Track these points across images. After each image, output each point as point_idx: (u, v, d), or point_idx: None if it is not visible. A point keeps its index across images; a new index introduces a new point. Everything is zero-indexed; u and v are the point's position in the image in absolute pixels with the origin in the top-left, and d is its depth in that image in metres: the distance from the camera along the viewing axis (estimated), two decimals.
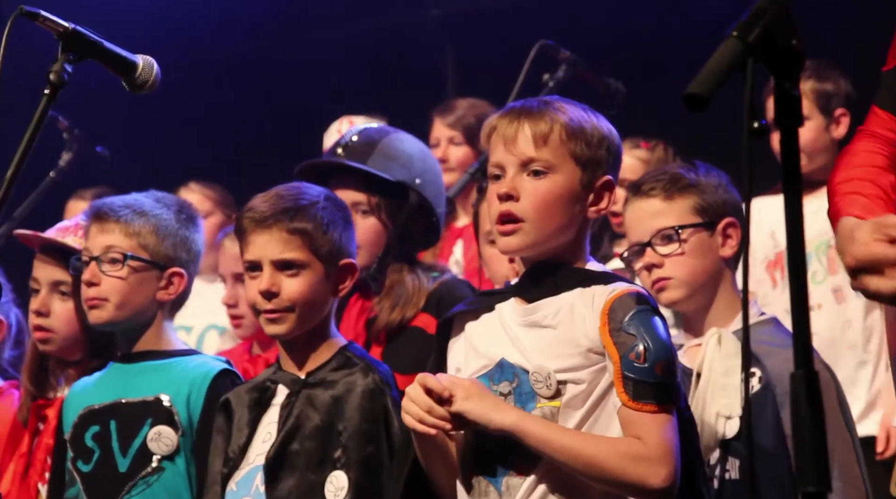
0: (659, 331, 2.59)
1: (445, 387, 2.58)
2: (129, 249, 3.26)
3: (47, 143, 5.48)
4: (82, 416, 3.27)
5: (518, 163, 2.65)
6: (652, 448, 2.52)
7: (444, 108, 5.26)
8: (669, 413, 2.56)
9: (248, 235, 2.99)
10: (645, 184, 3.14)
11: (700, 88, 1.62)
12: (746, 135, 1.67)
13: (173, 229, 3.31)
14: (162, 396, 3.20)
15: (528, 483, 2.58)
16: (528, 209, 2.63)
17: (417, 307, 3.31)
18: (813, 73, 4.45)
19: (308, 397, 2.94)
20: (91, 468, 3.22)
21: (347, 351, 2.99)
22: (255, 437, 2.99)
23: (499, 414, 2.57)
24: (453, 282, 3.43)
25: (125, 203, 3.32)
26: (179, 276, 3.30)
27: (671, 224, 3.07)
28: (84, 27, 2.65)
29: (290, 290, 2.94)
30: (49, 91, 2.57)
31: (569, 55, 4.64)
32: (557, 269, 2.67)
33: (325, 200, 3.03)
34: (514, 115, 2.69)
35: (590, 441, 2.56)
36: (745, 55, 1.64)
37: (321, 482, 2.87)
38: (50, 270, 3.58)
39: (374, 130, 3.52)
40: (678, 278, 3.05)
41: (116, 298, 3.25)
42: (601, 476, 2.54)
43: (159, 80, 2.75)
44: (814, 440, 1.67)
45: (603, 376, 2.59)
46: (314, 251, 2.96)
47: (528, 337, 2.65)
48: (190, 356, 3.32)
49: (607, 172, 2.70)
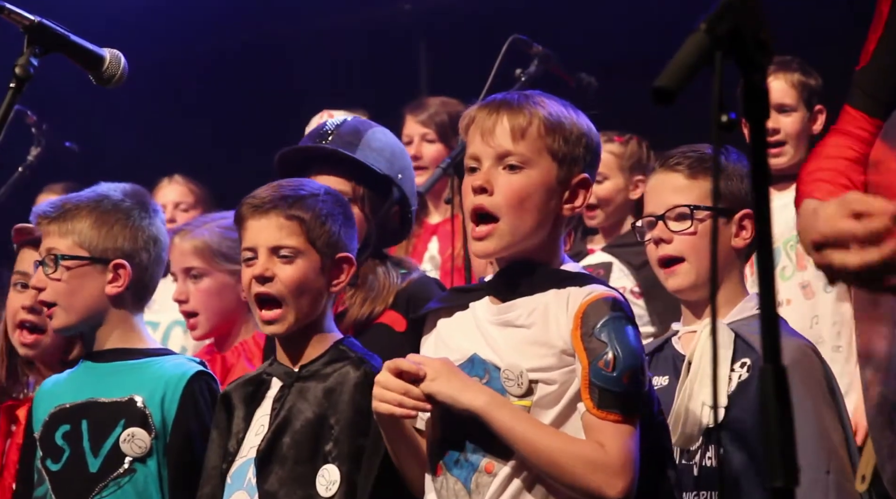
0: (630, 340, 2.58)
1: (419, 368, 2.58)
2: (66, 249, 3.22)
3: (16, 137, 5.47)
4: (53, 414, 3.23)
5: (494, 155, 2.64)
6: (612, 458, 2.52)
7: (416, 106, 5.26)
8: (632, 424, 2.56)
9: (247, 221, 2.98)
10: (673, 158, 3.10)
11: (668, 82, 1.62)
12: (715, 128, 1.66)
13: (112, 219, 3.24)
14: (135, 397, 3.17)
15: (499, 481, 2.58)
16: (501, 204, 2.62)
17: (386, 303, 3.30)
18: (799, 67, 4.48)
19: (300, 390, 2.93)
20: (60, 468, 3.18)
21: (342, 345, 2.98)
22: (249, 430, 2.98)
23: (468, 394, 2.57)
24: (424, 280, 3.41)
25: (63, 201, 3.27)
26: (123, 267, 3.25)
27: (688, 202, 3.05)
28: (51, 20, 2.62)
29: (284, 276, 2.93)
30: (14, 85, 2.55)
31: (541, 50, 4.64)
32: (532, 268, 2.66)
33: (325, 193, 3.03)
34: (493, 107, 2.67)
35: (554, 439, 2.55)
36: (713, 48, 1.64)
37: (312, 475, 2.86)
38: None
39: (359, 121, 3.49)
40: (690, 263, 3.02)
41: (62, 301, 3.21)
42: (559, 476, 2.54)
43: (127, 74, 2.73)
44: (782, 435, 1.67)
45: (574, 378, 2.59)
46: (311, 241, 2.95)
47: (501, 335, 2.65)
48: (165, 357, 3.29)
49: (584, 169, 2.69)
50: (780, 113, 4.46)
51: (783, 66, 4.48)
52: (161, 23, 6.48)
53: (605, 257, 4.76)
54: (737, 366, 2.94)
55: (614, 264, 4.72)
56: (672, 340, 3.10)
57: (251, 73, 6.73)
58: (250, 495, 2.91)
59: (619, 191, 4.92)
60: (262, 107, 6.50)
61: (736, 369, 2.93)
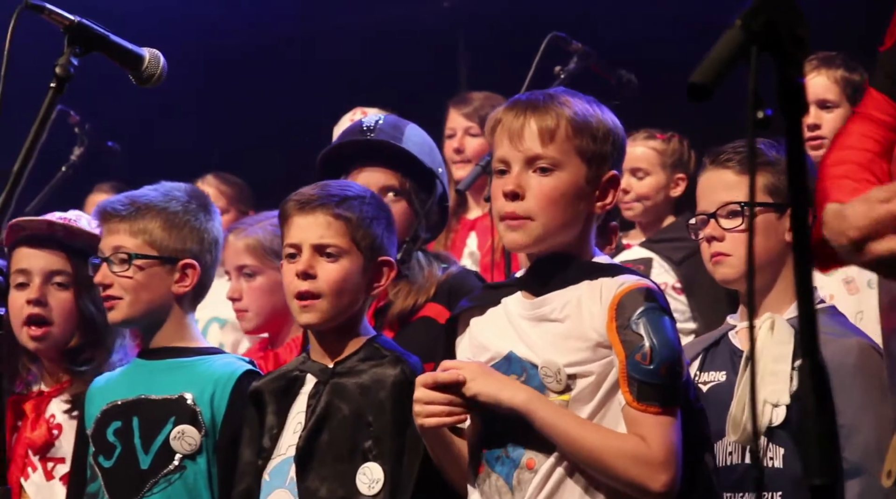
0: (667, 331, 2.57)
1: (457, 374, 2.59)
2: (135, 247, 3.24)
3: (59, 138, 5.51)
4: (105, 411, 3.26)
5: (524, 159, 2.64)
6: (655, 452, 2.53)
7: (460, 99, 5.25)
8: (672, 415, 2.56)
9: (291, 218, 2.99)
10: (723, 154, 3.08)
11: (703, 78, 1.61)
12: (751, 125, 1.65)
13: (181, 221, 3.28)
14: (185, 394, 3.19)
15: (540, 476, 2.58)
16: (533, 207, 2.62)
17: (428, 295, 3.31)
18: (842, 62, 4.44)
19: (336, 386, 2.94)
20: (112, 464, 3.21)
21: (376, 342, 2.99)
22: (286, 427, 2.98)
23: (508, 392, 2.58)
24: (464, 273, 3.42)
25: (131, 200, 3.29)
26: (192, 267, 3.28)
27: (739, 199, 3.03)
28: (91, 20, 2.64)
29: (327, 274, 2.93)
30: (55, 84, 2.56)
31: (580, 47, 4.63)
32: (564, 262, 2.66)
33: (371, 196, 3.04)
34: (519, 109, 2.67)
35: (596, 434, 2.55)
36: (749, 43, 1.63)
37: (352, 472, 2.87)
38: (44, 260, 3.54)
39: (396, 117, 3.50)
40: (737, 256, 3.01)
41: (129, 296, 3.24)
42: (602, 470, 2.55)
43: (166, 73, 2.74)
44: (820, 432, 1.66)
45: (611, 370, 2.59)
46: (355, 241, 2.95)
47: (535, 331, 2.65)
48: (215, 355, 3.31)
49: (612, 166, 2.69)
50: (822, 109, 4.42)
51: (826, 62, 4.44)
52: (199, 21, 6.51)
53: (645, 253, 4.74)
54: (798, 364, 2.91)
55: (654, 260, 4.70)
56: (729, 335, 3.07)
57: (291, 70, 6.75)
58: (292, 494, 2.92)
59: (661, 188, 4.90)
60: (299, 105, 6.51)
61: (797, 367, 2.91)
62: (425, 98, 5.32)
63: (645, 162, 4.90)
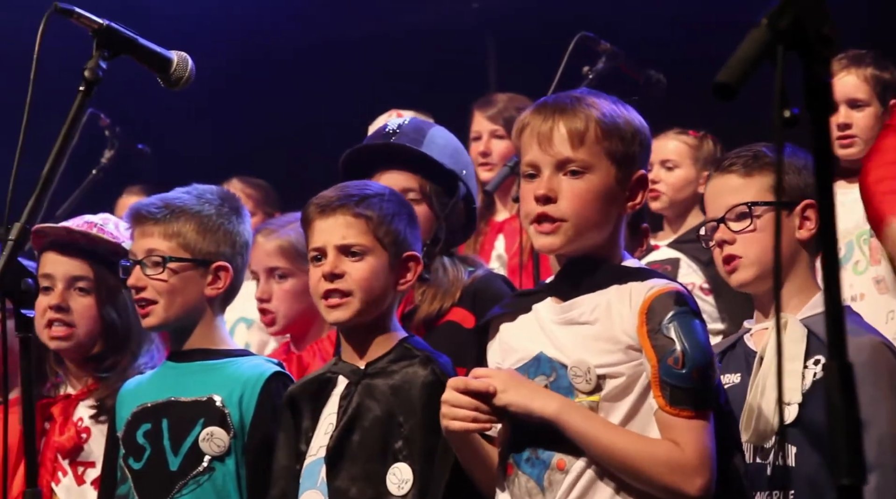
0: (698, 334, 2.57)
1: (489, 384, 2.59)
2: (169, 250, 3.26)
3: (89, 141, 5.54)
4: (135, 414, 3.27)
5: (554, 163, 2.63)
6: (689, 457, 2.52)
7: (484, 102, 5.25)
8: (705, 419, 2.56)
9: (313, 222, 3.00)
10: (727, 160, 3.10)
11: (728, 77, 1.60)
12: (778, 124, 1.64)
13: (215, 224, 3.29)
14: (214, 396, 3.20)
15: (571, 478, 2.57)
16: (566, 211, 2.62)
17: (454, 299, 3.30)
18: (872, 61, 4.42)
19: (367, 387, 2.94)
20: (142, 466, 3.22)
21: (407, 343, 2.99)
22: (318, 429, 2.99)
23: (539, 401, 2.57)
24: (489, 277, 3.41)
25: (164, 202, 3.30)
26: (225, 270, 3.29)
27: (745, 200, 3.03)
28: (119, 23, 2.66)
29: (354, 274, 2.94)
30: (84, 88, 2.58)
31: (609, 47, 4.62)
32: (593, 266, 2.66)
33: (390, 193, 3.05)
34: (547, 112, 2.66)
35: (628, 441, 2.55)
36: (775, 42, 1.62)
37: (382, 473, 2.88)
38: (67, 265, 3.56)
39: (421, 120, 3.51)
40: (748, 257, 3.01)
41: (164, 300, 3.25)
42: (637, 477, 2.54)
43: (194, 76, 2.76)
44: (848, 432, 1.65)
45: (642, 373, 2.58)
46: (378, 238, 2.96)
47: (565, 333, 2.64)
48: (243, 357, 3.32)
49: (641, 166, 2.69)
50: (853, 108, 4.40)
51: (856, 61, 4.42)
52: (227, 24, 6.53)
53: (673, 253, 4.73)
54: (810, 363, 2.91)
55: (682, 260, 4.69)
56: (744, 338, 3.08)
57: (322, 73, 6.76)
58: (323, 494, 2.92)
59: (689, 182, 4.91)
60: (330, 107, 6.52)
61: (810, 367, 2.90)
62: (454, 99, 5.31)
63: (675, 154, 4.91)
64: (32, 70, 2.52)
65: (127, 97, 5.04)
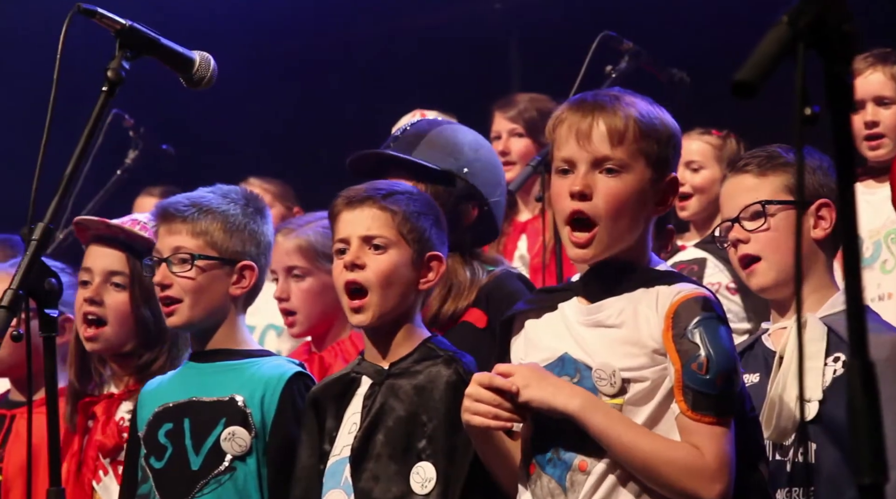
0: (723, 341, 2.56)
1: (512, 382, 2.58)
2: (196, 248, 3.26)
3: (114, 141, 5.57)
4: (157, 414, 3.28)
5: (591, 160, 2.61)
6: (709, 462, 2.51)
7: (504, 103, 5.25)
8: (727, 426, 2.55)
9: (340, 215, 3.01)
10: (742, 160, 3.10)
11: (748, 75, 1.60)
12: (798, 122, 1.64)
13: (241, 224, 3.30)
14: (236, 396, 3.20)
15: (593, 479, 2.57)
16: (601, 209, 2.60)
17: (469, 300, 3.29)
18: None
19: (391, 387, 2.94)
20: (163, 465, 3.22)
21: (430, 343, 2.99)
22: (341, 429, 3.00)
23: (562, 397, 2.56)
24: (504, 276, 3.39)
25: (191, 201, 3.31)
26: (250, 269, 3.30)
27: (759, 200, 3.03)
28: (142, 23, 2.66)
29: (375, 265, 2.95)
30: (107, 88, 2.58)
31: (631, 46, 4.62)
32: (621, 268, 2.65)
33: (418, 193, 3.07)
34: (586, 109, 2.64)
35: (649, 442, 2.54)
36: (795, 40, 1.61)
37: (406, 472, 2.88)
38: (105, 259, 3.59)
39: (427, 121, 3.50)
40: (767, 261, 3.00)
41: (189, 298, 3.25)
42: (655, 479, 2.53)
43: (216, 76, 2.76)
44: (870, 431, 1.64)
45: (666, 377, 2.57)
46: (402, 234, 2.97)
47: (591, 335, 2.63)
48: (265, 358, 3.32)
49: (672, 169, 2.68)
50: (880, 105, 4.39)
51: (882, 58, 4.41)
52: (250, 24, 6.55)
53: (699, 253, 4.72)
54: (830, 360, 2.90)
55: (708, 260, 4.67)
56: (762, 338, 3.07)
57: (344, 74, 6.77)
58: (347, 494, 2.93)
59: (715, 181, 4.89)
60: (353, 107, 6.54)
61: (829, 364, 2.90)
62: (477, 99, 5.32)
63: (700, 155, 4.90)
64: (55, 70, 2.53)
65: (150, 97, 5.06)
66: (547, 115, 5.05)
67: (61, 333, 3.78)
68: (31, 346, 2.54)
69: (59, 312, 2.59)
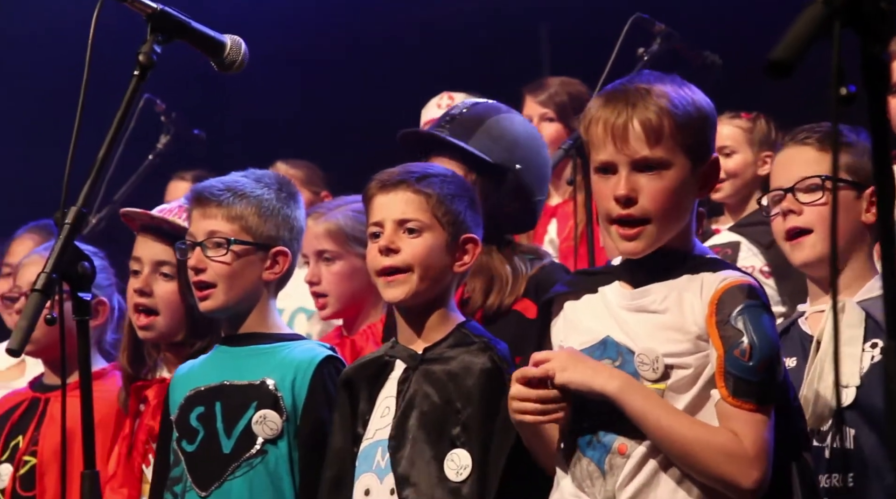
0: (766, 328, 2.55)
1: (546, 369, 2.58)
2: (231, 233, 3.26)
3: (146, 126, 5.58)
4: (188, 397, 3.29)
5: (630, 162, 2.59)
6: (746, 448, 2.51)
7: (535, 86, 5.23)
8: (767, 414, 2.53)
9: (374, 198, 3.01)
10: (801, 132, 3.06)
11: (783, 54, 1.58)
12: (834, 102, 1.62)
13: (275, 209, 3.30)
14: (267, 380, 3.21)
15: (633, 462, 2.56)
16: (649, 209, 2.59)
17: (517, 293, 3.27)
18: None
19: (425, 373, 2.94)
20: (195, 448, 3.24)
21: (465, 328, 2.99)
22: (374, 412, 3.00)
23: (600, 378, 2.56)
24: (553, 267, 3.36)
25: (226, 185, 3.31)
26: (284, 254, 3.30)
27: (819, 173, 3.00)
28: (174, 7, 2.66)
29: (410, 248, 2.94)
30: (138, 72, 2.58)
31: (664, 28, 4.59)
32: (665, 254, 2.63)
33: (452, 175, 3.06)
34: (619, 105, 2.60)
35: (688, 425, 2.53)
36: (831, 18, 1.59)
37: (440, 458, 2.88)
38: (153, 249, 3.61)
39: (485, 106, 3.45)
40: (818, 234, 2.98)
41: (224, 283, 3.26)
42: (692, 463, 2.53)
43: (247, 60, 2.76)
44: None
45: (708, 364, 2.57)
46: (436, 217, 2.96)
47: (634, 320, 2.62)
48: (296, 341, 3.32)
49: (712, 150, 2.66)
50: None
51: None
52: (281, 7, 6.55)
53: (733, 237, 4.70)
54: (868, 346, 2.88)
55: (742, 244, 4.66)
56: (799, 321, 3.05)
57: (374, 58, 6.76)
58: (379, 478, 2.93)
59: (748, 165, 4.87)
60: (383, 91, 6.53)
61: (867, 350, 2.88)
62: (507, 83, 5.29)
63: (731, 140, 4.87)
64: (87, 55, 2.53)
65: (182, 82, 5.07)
66: (577, 99, 5.06)
67: (94, 317, 3.81)
68: (65, 329, 2.54)
69: (93, 295, 2.60)
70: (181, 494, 3.22)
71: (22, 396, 3.96)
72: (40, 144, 5.53)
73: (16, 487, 3.78)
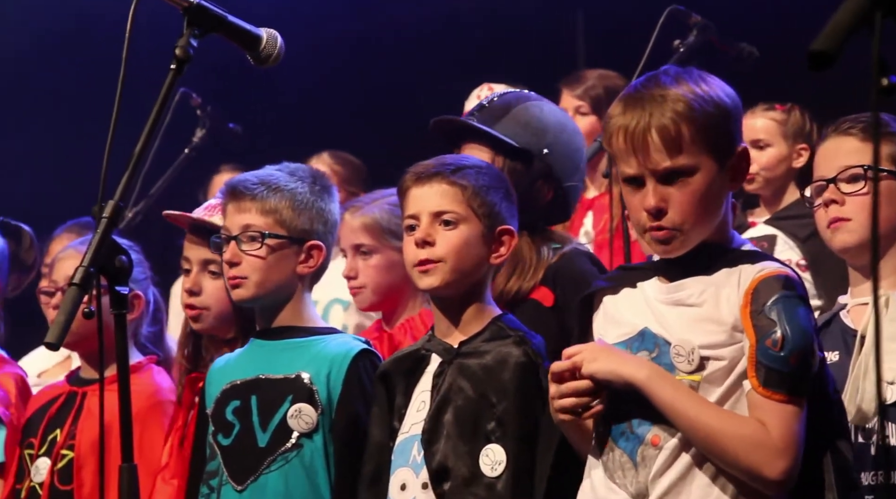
0: (801, 320, 2.53)
1: (574, 361, 2.58)
2: (266, 226, 3.27)
3: (182, 120, 5.60)
4: (224, 391, 3.30)
5: (654, 174, 2.58)
6: (774, 438, 2.49)
7: (572, 79, 5.23)
8: (798, 405, 2.51)
9: (409, 191, 3.02)
10: (845, 122, 3.06)
11: (825, 45, 1.56)
12: (875, 93, 1.60)
13: (309, 202, 3.31)
14: (302, 373, 3.21)
15: (666, 454, 2.55)
16: (678, 220, 2.58)
17: (535, 280, 3.27)
18: None
19: (460, 367, 2.94)
20: (231, 442, 3.25)
21: (500, 321, 2.99)
22: (410, 406, 3.00)
23: (629, 368, 2.55)
24: (572, 255, 3.35)
25: (260, 179, 3.32)
26: (318, 248, 3.31)
27: (862, 163, 2.98)
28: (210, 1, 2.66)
29: (446, 241, 2.95)
30: (175, 66, 2.59)
31: (700, 20, 4.57)
32: (702, 249, 2.62)
33: (487, 167, 3.06)
34: (636, 114, 2.57)
35: (715, 415, 2.52)
36: (873, 8, 1.58)
37: (475, 453, 2.88)
38: (200, 249, 3.63)
39: (514, 94, 3.47)
40: (857, 221, 2.96)
41: (257, 276, 3.27)
42: (719, 453, 2.51)
43: (283, 53, 2.76)
44: None
45: (742, 356, 2.55)
46: (472, 208, 2.97)
47: (671, 313, 2.62)
48: (331, 335, 3.33)
49: (739, 141, 2.63)
50: None
51: None
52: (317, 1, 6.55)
53: (769, 230, 4.67)
54: None
55: (779, 237, 4.63)
56: (840, 314, 3.03)
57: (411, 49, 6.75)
58: (415, 472, 2.93)
59: (782, 159, 4.84)
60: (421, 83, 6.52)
61: None
62: (543, 74, 5.29)
63: (765, 133, 4.84)
64: (124, 49, 2.54)
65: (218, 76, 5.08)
66: (614, 92, 5.05)
67: (131, 311, 3.83)
68: (103, 323, 2.55)
69: (130, 289, 2.61)
70: (217, 487, 3.23)
71: (59, 390, 3.98)
72: (77, 141, 5.56)
73: (54, 480, 3.80)
